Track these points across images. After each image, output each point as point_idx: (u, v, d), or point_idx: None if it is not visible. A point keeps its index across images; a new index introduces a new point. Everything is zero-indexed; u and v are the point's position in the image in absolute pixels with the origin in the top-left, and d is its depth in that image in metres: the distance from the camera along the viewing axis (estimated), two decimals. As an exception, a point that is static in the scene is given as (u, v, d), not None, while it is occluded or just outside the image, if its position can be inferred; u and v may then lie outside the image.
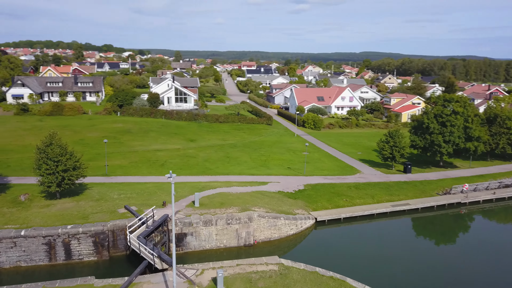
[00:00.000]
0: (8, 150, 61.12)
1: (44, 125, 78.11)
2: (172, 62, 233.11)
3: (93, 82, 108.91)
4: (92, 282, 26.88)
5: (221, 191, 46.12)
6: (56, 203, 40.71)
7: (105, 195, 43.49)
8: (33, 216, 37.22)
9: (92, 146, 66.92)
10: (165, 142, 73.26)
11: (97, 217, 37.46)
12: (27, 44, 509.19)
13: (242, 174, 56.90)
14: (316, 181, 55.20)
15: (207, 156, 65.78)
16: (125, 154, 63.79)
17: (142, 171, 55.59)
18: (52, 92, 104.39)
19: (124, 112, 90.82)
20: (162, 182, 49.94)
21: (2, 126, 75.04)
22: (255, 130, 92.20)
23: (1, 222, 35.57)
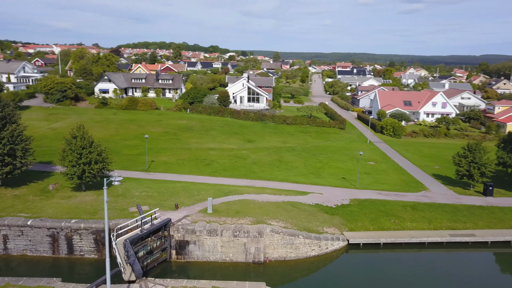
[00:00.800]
0: (72, 140, 64.85)
1: (115, 118, 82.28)
2: (262, 62, 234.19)
3: (173, 79, 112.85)
4: (54, 285, 25.33)
5: (246, 198, 42.26)
6: (78, 195, 40.97)
7: (128, 191, 42.70)
8: (49, 206, 37.67)
9: (150, 141, 67.81)
10: (222, 141, 71.58)
11: (104, 213, 36.44)
12: (144, 45, 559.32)
13: (285, 180, 52.27)
14: (366, 196, 48.17)
15: (257, 159, 62.32)
16: (177, 151, 63.40)
17: (184, 169, 54.25)
18: (135, 87, 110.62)
19: (193, 110, 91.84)
20: (196, 182, 47.89)
21: (78, 117, 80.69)
22: (323, 134, 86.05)
23: (17, 209, 36.53)
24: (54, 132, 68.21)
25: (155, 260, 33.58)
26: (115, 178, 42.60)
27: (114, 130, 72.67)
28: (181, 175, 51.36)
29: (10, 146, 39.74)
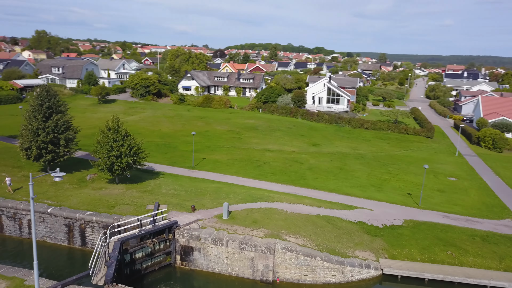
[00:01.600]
0: (136, 133, 67.04)
1: (186, 114, 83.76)
2: (359, 63, 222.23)
3: (253, 78, 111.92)
4: (27, 279, 24.65)
5: (274, 207, 38.15)
6: (108, 187, 41.16)
7: (157, 188, 41.73)
8: (76, 196, 38.28)
9: (211, 138, 67.32)
10: (284, 143, 67.78)
11: (122, 208, 35.74)
12: (250, 46, 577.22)
13: (335, 191, 46.77)
14: (427, 218, 40.45)
15: (315, 164, 57.33)
16: (233, 150, 61.49)
17: (231, 169, 51.95)
18: (217, 86, 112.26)
19: (265, 109, 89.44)
20: (233, 184, 45.26)
21: (153, 112, 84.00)
22: (404, 142, 76.67)
23: (47, 196, 37.74)
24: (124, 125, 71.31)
25: (157, 264, 31.64)
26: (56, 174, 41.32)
27: (180, 126, 73.68)
28: (223, 175, 49.10)
29: (53, 135, 41.47)
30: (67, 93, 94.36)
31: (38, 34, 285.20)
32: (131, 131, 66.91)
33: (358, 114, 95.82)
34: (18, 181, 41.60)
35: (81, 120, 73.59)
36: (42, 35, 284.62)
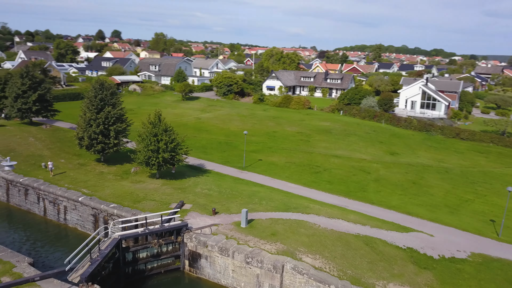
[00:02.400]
0: (204, 130, 67.29)
1: (261, 114, 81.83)
2: (477, 66, 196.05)
3: (341, 79, 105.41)
4: (18, 266, 24.65)
5: (305, 219, 33.72)
6: (147, 181, 40.96)
7: (193, 186, 40.28)
8: (112, 187, 38.69)
9: (276, 139, 64.45)
10: (356, 150, 61.64)
11: (146, 204, 34.93)
12: (360, 48, 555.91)
13: (394, 208, 40.38)
14: (505, 254, 32.21)
15: (385, 176, 50.70)
16: (295, 153, 57.75)
17: (283, 173, 48.46)
18: (303, 86, 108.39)
19: (346, 112, 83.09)
20: (276, 190, 41.85)
21: (229, 110, 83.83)
22: (508, 157, 64.16)
23: (86, 185, 38.80)
24: (195, 122, 72.33)
25: (164, 266, 29.92)
26: (6, 163, 40.04)
27: (250, 125, 72.06)
28: (271, 179, 45.84)
29: (103, 126, 42.81)
30: (158, 89, 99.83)
31: (157, 36, 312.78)
32: (200, 127, 68.06)
33: (458, 122, 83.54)
34: (72, 168, 43.82)
35: (159, 115, 76.54)
36: (160, 37, 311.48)
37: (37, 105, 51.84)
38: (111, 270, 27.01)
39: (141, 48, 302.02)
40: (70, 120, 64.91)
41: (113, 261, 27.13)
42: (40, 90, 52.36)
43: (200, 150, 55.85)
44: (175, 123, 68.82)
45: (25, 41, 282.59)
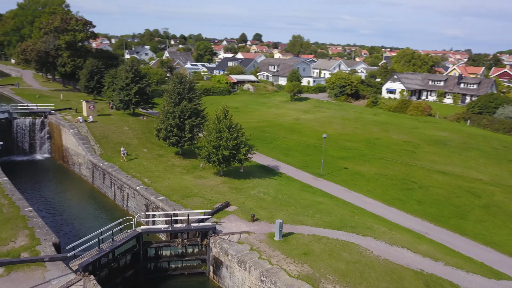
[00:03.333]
0: (296, 131, 64.01)
1: (368, 118, 74.50)
2: None
3: (479, 83, 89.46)
4: (40, 243, 25.69)
5: (356, 242, 28.18)
6: (208, 178, 40.02)
7: (251, 188, 37.82)
8: (172, 180, 38.76)
9: (374, 147, 57.69)
10: (473, 167, 51.01)
11: (192, 201, 33.80)
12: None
13: (493, 245, 31.85)
14: None
15: (500, 203, 40.80)
16: (392, 164, 50.57)
17: (366, 186, 42.66)
18: (430, 90, 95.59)
19: (475, 122, 69.88)
20: (347, 204, 36.79)
21: (334, 113, 78.44)
22: None
23: (150, 175, 39.66)
24: (292, 123, 69.55)
25: (188, 268, 28.25)
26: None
27: (350, 130, 66.17)
28: (347, 191, 40.57)
29: (178, 120, 43.50)
30: (271, 89, 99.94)
31: (294, 38, 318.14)
32: (294, 129, 65.17)
33: None
34: (150, 158, 45.62)
35: (259, 113, 76.12)
36: (297, 39, 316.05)
37: (137, 97, 55.86)
38: (128, 263, 26.46)
39: (278, 50, 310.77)
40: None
41: (131, 254, 26.54)
42: (141, 84, 56.28)
43: (283, 152, 53.01)
44: (270, 123, 67.52)
45: (178, 44, 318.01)
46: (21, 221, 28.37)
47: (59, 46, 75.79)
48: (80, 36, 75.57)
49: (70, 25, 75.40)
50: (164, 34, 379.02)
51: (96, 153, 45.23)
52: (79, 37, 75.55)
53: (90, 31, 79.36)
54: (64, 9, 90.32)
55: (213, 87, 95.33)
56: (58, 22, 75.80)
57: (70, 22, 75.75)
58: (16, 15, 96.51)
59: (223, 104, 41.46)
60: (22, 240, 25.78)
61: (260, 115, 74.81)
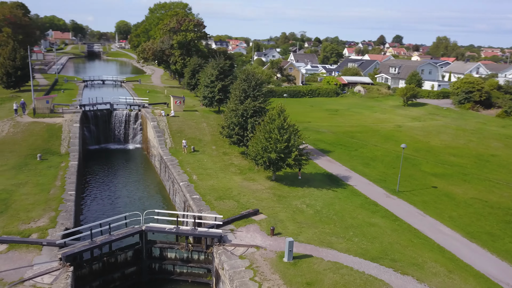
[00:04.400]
0: (392, 140, 56.06)
1: (489, 130, 61.17)
2: None
3: None
4: (55, 228, 26.31)
5: (386, 280, 22.13)
6: (258, 181, 37.13)
7: (298, 197, 33.73)
8: (219, 179, 36.97)
9: (486, 166, 47.04)
10: None
11: (223, 204, 31.44)
12: None
13: None
14: None
15: None
16: (500, 188, 40.35)
17: (453, 211, 34.51)
18: None
19: None
20: (407, 229, 30.16)
21: (449, 121, 66.50)
22: None
23: (200, 172, 38.48)
24: (391, 130, 61.40)
25: (192, 276, 26.06)
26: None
27: (462, 143, 55.30)
28: (421, 215, 33.28)
29: (241, 118, 41.69)
30: (384, 92, 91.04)
31: (438, 40, 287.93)
32: (390, 136, 57.53)
33: None
34: (214, 155, 44.78)
35: (359, 117, 69.75)
36: (441, 41, 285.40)
37: (220, 95, 55.89)
38: (130, 260, 25.52)
39: (417, 53, 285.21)
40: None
41: (133, 251, 25.55)
42: (225, 81, 56.14)
43: (364, 161, 46.75)
44: (364, 128, 60.89)
45: (311, 46, 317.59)
46: (57, 203, 29.90)
47: (172, 46, 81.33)
48: (190, 36, 79.82)
49: (183, 26, 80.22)
50: (301, 37, 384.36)
51: (166, 146, 46.32)
52: (189, 37, 79.86)
53: (202, 32, 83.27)
54: (186, 11, 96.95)
55: (319, 89, 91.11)
56: (173, 23, 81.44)
57: (183, 23, 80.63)
58: (146, 19, 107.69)
59: (279, 103, 37.94)
60: (43, 221, 26.95)
61: (358, 119, 68.27)
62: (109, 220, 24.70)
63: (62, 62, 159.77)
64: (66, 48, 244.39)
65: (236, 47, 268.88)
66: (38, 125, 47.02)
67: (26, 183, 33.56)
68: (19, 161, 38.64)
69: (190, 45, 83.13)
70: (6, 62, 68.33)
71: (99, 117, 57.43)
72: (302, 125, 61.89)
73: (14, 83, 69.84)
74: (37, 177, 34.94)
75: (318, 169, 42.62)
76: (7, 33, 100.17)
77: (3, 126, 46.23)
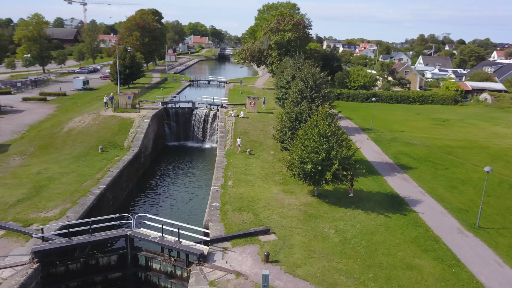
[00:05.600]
0: (503, 160, 44.39)
1: None
2: None
3: None
4: (61, 220, 26.09)
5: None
6: (297, 194, 32.38)
7: (332, 220, 28.14)
8: (253, 188, 33.24)
9: None
10: None
11: (240, 216, 27.82)
12: None
13: None
14: None
15: None
16: None
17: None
18: None
19: None
20: (460, 275, 22.70)
21: None
22: None
23: (240, 177, 35.35)
24: (507, 148, 48.88)
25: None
26: None
27: None
28: (500, 265, 24.85)
29: (293, 122, 37.40)
30: None
31: None
32: (503, 156, 45.97)
33: None
34: (264, 159, 41.25)
35: (469, 130, 58.28)
36: None
37: (295, 96, 51.78)
38: (113, 264, 23.91)
39: None
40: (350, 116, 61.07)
41: (117, 255, 23.87)
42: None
43: (451, 184, 37.79)
44: (469, 143, 50.09)
45: (453, 49, 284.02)
46: (81, 195, 30.15)
47: (271, 46, 79.67)
48: (287, 36, 77.01)
49: (282, 26, 77.88)
50: (443, 39, 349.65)
51: (224, 148, 44.44)
52: (286, 37, 77.11)
53: (301, 32, 79.77)
54: (291, 12, 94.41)
55: (433, 95, 79.09)
56: (274, 23, 79.73)
57: (282, 23, 78.30)
58: (255, 20, 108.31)
59: (324, 107, 32.37)
60: (54, 212, 27.19)
61: (468, 132, 56.60)
62: (97, 220, 23.48)
63: (189, 63, 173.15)
64: (201, 51, 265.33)
65: (363, 50, 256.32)
66: (114, 119, 49.76)
67: (72, 172, 34.98)
68: (83, 151, 40.95)
69: (291, 45, 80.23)
70: (118, 62, 75.28)
71: (180, 114, 58.67)
72: (392, 134, 53.84)
73: (123, 80, 76.55)
74: (86, 168, 36.24)
75: (383, 187, 35.66)
76: (136, 36, 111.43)
77: (86, 118, 50.15)
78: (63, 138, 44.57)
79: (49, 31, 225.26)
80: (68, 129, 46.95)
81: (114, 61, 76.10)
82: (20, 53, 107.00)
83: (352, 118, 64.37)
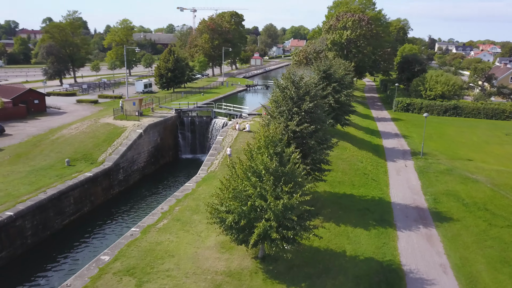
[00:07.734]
0: None
1: None
2: None
3: None
4: None
5: None
6: (234, 255, 22.61)
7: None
8: (176, 237, 24.54)
9: None
10: None
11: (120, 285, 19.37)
12: None
13: None
14: None
15: None
16: None
17: None
18: None
19: None
20: None
21: None
22: None
23: (171, 218, 26.87)
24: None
25: None
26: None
27: None
28: None
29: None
30: None
31: None
32: None
33: None
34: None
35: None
36: None
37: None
38: None
39: None
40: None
41: None
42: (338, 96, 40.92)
43: (505, 254, 24.15)
44: None
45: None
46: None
47: (328, 46, 68.75)
48: (345, 34, 65.21)
49: (340, 23, 66.41)
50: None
51: (207, 169, 36.17)
52: (344, 36, 65.35)
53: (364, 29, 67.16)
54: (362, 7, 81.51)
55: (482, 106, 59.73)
56: (333, 21, 68.71)
57: (341, 19, 66.86)
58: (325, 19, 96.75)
59: (273, 125, 21.94)
60: None
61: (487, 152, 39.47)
62: None
63: (271, 68, 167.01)
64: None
65: (479, 53, 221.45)
66: (107, 127, 44.68)
67: (4, 190, 30.29)
68: (48, 164, 36.40)
69: (353, 45, 68.17)
70: (161, 64, 71.57)
71: (197, 124, 51.76)
72: (450, 163, 39.69)
73: (166, 84, 72.60)
74: (25, 185, 31.48)
75: (381, 250, 23.98)
76: (205, 38, 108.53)
77: (83, 125, 45.98)
78: (44, 147, 40.71)
79: (155, 37, 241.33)
80: (56, 137, 43.14)
81: (158, 64, 72.69)
82: (109, 57, 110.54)
83: (409, 137, 50.51)
